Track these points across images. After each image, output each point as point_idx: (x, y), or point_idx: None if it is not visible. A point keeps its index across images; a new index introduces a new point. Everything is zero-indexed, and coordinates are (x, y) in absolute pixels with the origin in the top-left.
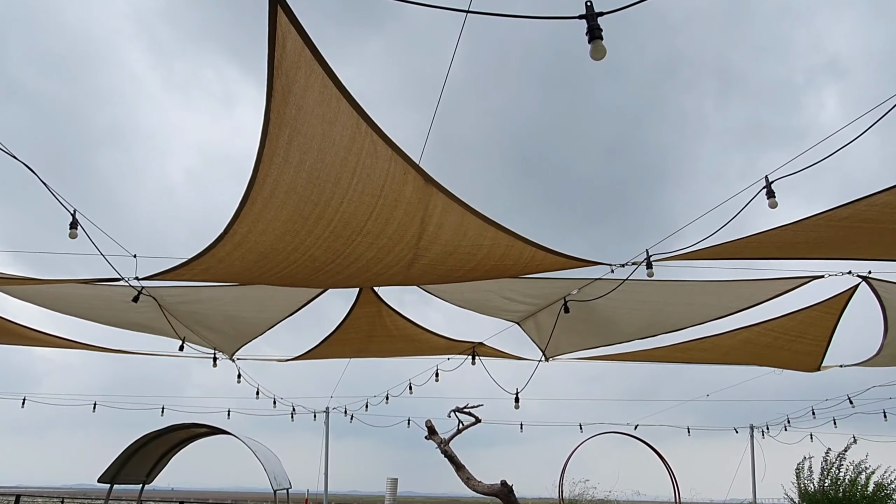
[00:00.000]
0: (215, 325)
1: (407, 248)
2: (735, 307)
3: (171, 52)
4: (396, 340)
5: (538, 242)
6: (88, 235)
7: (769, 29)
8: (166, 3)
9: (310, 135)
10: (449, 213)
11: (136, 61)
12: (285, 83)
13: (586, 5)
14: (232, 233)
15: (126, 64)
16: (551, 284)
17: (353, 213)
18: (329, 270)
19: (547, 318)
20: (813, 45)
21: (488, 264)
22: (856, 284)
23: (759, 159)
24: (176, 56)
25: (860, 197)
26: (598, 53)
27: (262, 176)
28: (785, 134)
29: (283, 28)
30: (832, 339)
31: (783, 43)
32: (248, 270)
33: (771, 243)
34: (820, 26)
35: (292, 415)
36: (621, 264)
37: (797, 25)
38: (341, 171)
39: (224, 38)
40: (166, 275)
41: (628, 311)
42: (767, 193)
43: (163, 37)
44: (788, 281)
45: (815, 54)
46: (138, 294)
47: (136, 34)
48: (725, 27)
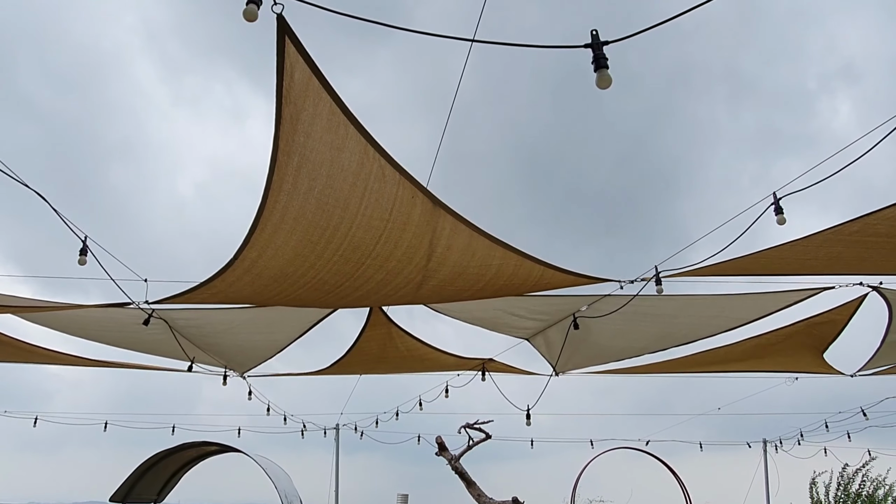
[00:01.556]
0: (226, 348)
1: (416, 270)
2: (745, 318)
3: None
4: (407, 360)
5: (546, 261)
6: (99, 261)
7: (781, 33)
8: (175, 17)
9: (318, 161)
10: (457, 234)
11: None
12: (293, 111)
13: (592, 34)
14: (242, 258)
15: (136, 78)
16: (560, 301)
17: (362, 237)
18: (339, 292)
19: (556, 334)
20: (826, 49)
21: (497, 283)
22: (865, 293)
23: (772, 166)
24: (186, 70)
25: (870, 211)
26: (603, 82)
27: (271, 203)
28: (798, 140)
29: (291, 58)
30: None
31: (795, 47)
32: (259, 294)
33: (780, 259)
34: (833, 30)
35: (303, 432)
36: (630, 280)
37: (810, 29)
38: (350, 196)
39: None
40: (176, 299)
41: (638, 326)
42: (775, 210)
43: (172, 50)
44: (798, 293)
45: (828, 59)
46: (149, 317)
47: (146, 48)
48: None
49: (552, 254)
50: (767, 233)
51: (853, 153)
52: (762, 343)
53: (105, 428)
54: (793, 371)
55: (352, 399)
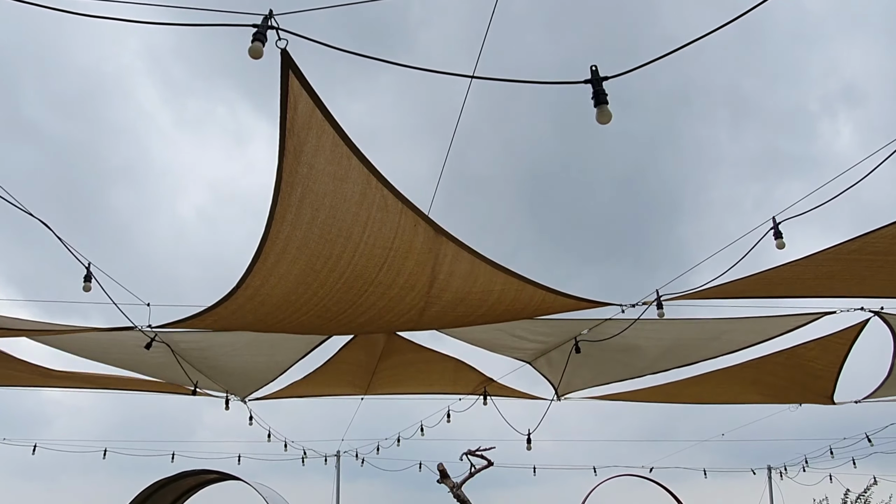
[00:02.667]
0: (228, 371)
1: (418, 297)
2: (747, 342)
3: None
4: (408, 369)
5: (548, 285)
6: (103, 288)
7: (782, 56)
8: (178, 40)
9: (321, 192)
10: (459, 261)
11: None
12: (297, 143)
13: (591, 70)
14: (245, 286)
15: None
16: (562, 323)
17: (364, 265)
18: (341, 319)
19: (558, 356)
20: (827, 71)
21: (499, 308)
22: (867, 318)
23: (775, 188)
24: (188, 93)
25: (868, 231)
26: (603, 117)
27: (274, 233)
28: (800, 162)
29: (295, 91)
30: (844, 366)
31: (797, 69)
32: (261, 320)
33: (781, 280)
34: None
35: (303, 458)
36: (632, 304)
37: (811, 51)
38: (352, 225)
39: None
40: (178, 324)
41: (640, 348)
42: (775, 234)
43: (175, 73)
44: (800, 317)
45: (829, 81)
46: (151, 341)
47: (149, 71)
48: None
49: (554, 277)
50: (769, 256)
51: (854, 175)
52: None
53: (104, 455)
54: (800, 401)
55: (353, 425)
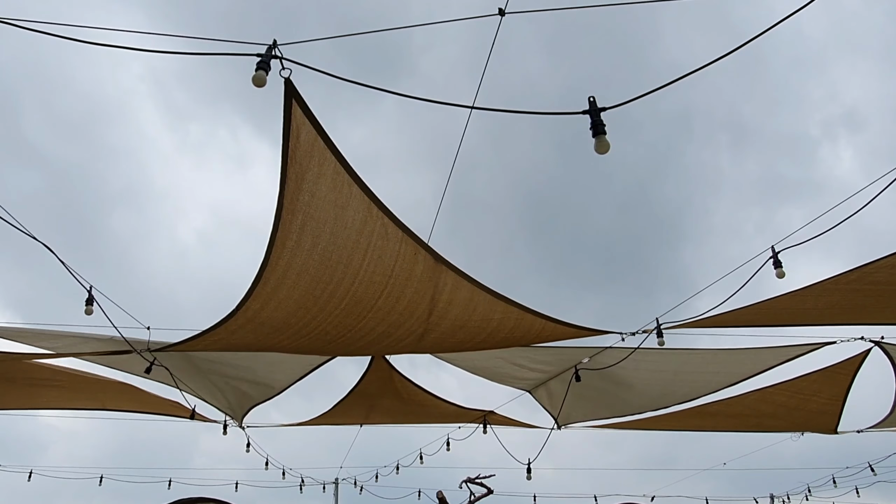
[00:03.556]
0: (226, 390)
1: (418, 323)
2: (747, 373)
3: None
4: (407, 404)
5: (549, 309)
6: (104, 311)
7: (782, 81)
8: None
9: (322, 219)
10: (459, 289)
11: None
12: (299, 171)
13: (589, 101)
14: (245, 309)
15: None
16: (562, 352)
17: (364, 292)
18: (340, 343)
19: (558, 386)
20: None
21: (498, 336)
22: (868, 349)
23: (776, 213)
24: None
25: (867, 262)
26: (602, 148)
27: (274, 258)
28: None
29: (298, 120)
30: (847, 399)
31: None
32: (260, 341)
33: (781, 309)
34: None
35: (301, 486)
36: (632, 333)
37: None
38: (353, 253)
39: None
40: (178, 347)
41: (640, 381)
42: (774, 263)
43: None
44: (800, 347)
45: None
46: (150, 366)
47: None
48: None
49: (555, 301)
50: (770, 283)
51: (855, 203)
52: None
53: (100, 482)
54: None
55: (352, 452)
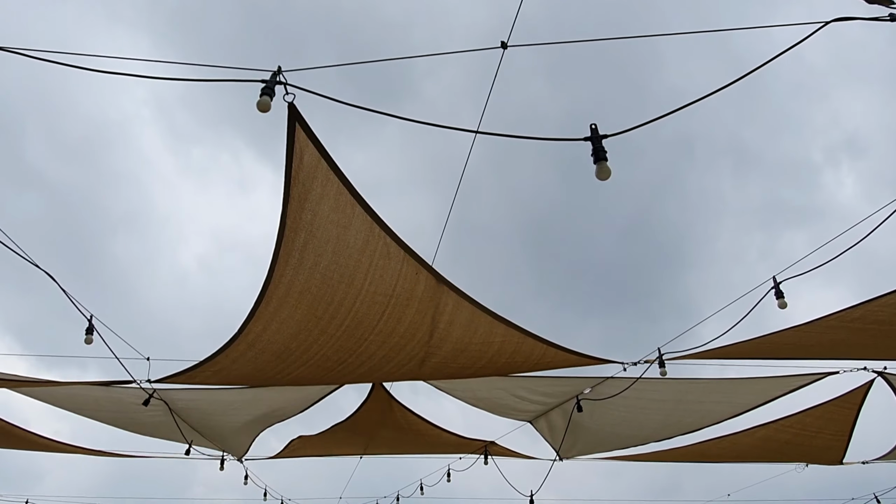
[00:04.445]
0: (226, 431)
1: (419, 346)
2: (750, 404)
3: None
4: (407, 434)
5: (551, 335)
6: (104, 341)
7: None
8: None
9: (324, 239)
10: (460, 310)
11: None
12: (302, 191)
13: (591, 128)
14: (247, 332)
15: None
16: (563, 383)
17: (365, 312)
18: (341, 370)
19: (559, 417)
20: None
21: (500, 361)
22: (871, 379)
23: (779, 239)
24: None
25: (870, 298)
26: (603, 174)
27: (277, 277)
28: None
29: (301, 142)
30: (853, 434)
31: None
32: (261, 371)
33: (784, 343)
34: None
35: None
36: (633, 363)
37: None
38: (355, 272)
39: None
40: (179, 377)
41: (642, 411)
42: (776, 294)
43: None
44: (803, 377)
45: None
46: (149, 397)
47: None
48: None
49: (557, 327)
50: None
51: (857, 232)
52: (770, 434)
53: None
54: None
55: (352, 482)
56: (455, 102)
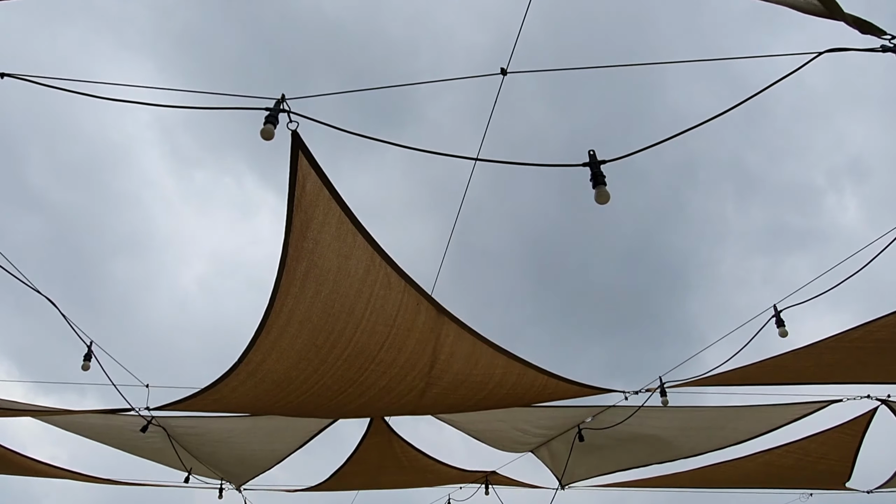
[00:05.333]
0: (224, 458)
1: (419, 377)
2: (753, 432)
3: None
4: (408, 471)
5: (553, 362)
6: (103, 368)
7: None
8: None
9: (326, 268)
10: (460, 341)
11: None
12: (304, 220)
13: (589, 154)
14: (247, 361)
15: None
16: (564, 413)
17: (366, 342)
18: (341, 400)
19: (560, 445)
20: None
21: (500, 392)
22: (875, 407)
23: (782, 263)
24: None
25: (870, 320)
26: (602, 198)
27: (278, 306)
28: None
29: (304, 170)
30: (857, 460)
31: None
32: (260, 400)
33: (785, 368)
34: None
35: None
36: (635, 391)
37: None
38: (355, 302)
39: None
40: (178, 405)
41: (644, 437)
42: (777, 322)
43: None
44: (806, 405)
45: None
46: (147, 424)
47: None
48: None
49: (560, 353)
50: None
51: (857, 251)
52: (773, 460)
53: None
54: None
55: None
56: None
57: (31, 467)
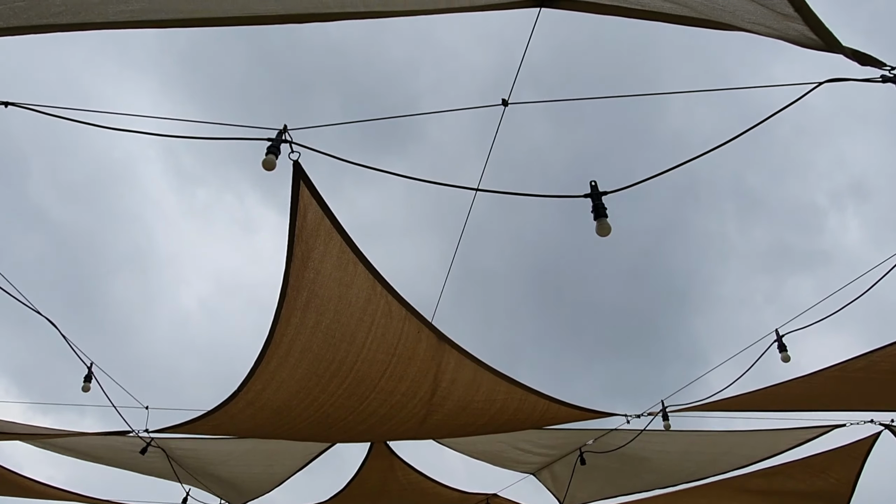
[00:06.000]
0: (223, 478)
1: (420, 404)
2: (756, 456)
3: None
4: (409, 494)
5: (555, 385)
6: (103, 389)
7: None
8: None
9: (326, 297)
10: (462, 368)
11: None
12: (305, 250)
13: (591, 185)
14: (246, 390)
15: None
16: (566, 435)
17: (367, 371)
18: (342, 426)
19: (562, 468)
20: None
21: (502, 418)
22: (878, 432)
23: (785, 283)
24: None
25: (873, 349)
26: (603, 231)
27: (278, 336)
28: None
29: (305, 201)
30: (857, 485)
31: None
32: (261, 426)
33: (788, 395)
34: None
35: None
36: (637, 415)
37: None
38: (356, 331)
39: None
40: (177, 429)
41: (646, 460)
42: (779, 347)
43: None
44: (810, 430)
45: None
46: (146, 446)
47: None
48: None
49: (562, 372)
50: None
51: (860, 273)
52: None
53: None
54: None
55: None
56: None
57: (28, 487)
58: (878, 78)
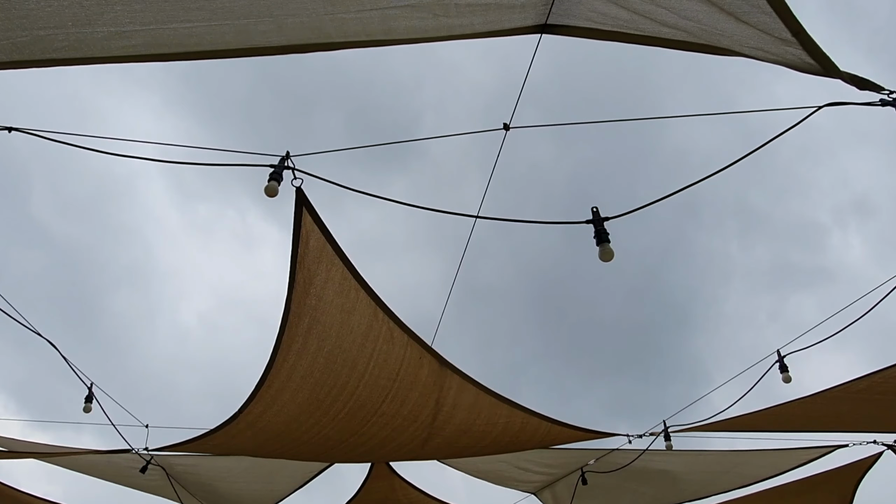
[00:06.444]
0: (223, 495)
1: (422, 428)
2: (758, 476)
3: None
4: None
5: (556, 407)
6: (103, 409)
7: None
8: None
9: (328, 323)
10: (463, 393)
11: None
12: (307, 276)
13: (593, 211)
14: (247, 412)
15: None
16: (567, 454)
17: (368, 395)
18: (342, 448)
19: (563, 488)
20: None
21: (504, 440)
22: (880, 452)
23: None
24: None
25: (874, 371)
26: (605, 256)
27: (279, 361)
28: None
29: (308, 227)
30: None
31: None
32: (261, 447)
33: (790, 415)
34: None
35: None
36: (639, 435)
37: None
38: (358, 356)
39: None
40: (176, 448)
41: (648, 480)
42: (780, 367)
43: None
44: (812, 450)
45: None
46: (146, 465)
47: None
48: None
49: (564, 391)
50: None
51: (863, 294)
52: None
53: None
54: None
55: None
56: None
57: (26, 503)
58: (877, 102)
